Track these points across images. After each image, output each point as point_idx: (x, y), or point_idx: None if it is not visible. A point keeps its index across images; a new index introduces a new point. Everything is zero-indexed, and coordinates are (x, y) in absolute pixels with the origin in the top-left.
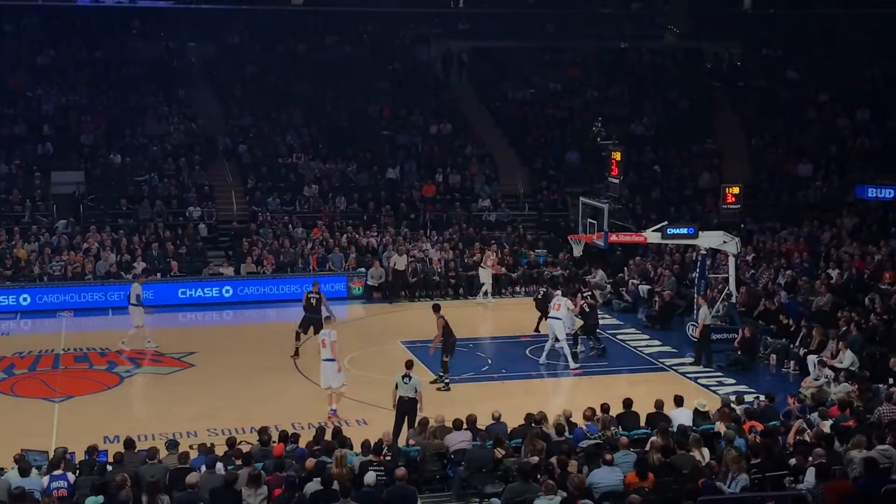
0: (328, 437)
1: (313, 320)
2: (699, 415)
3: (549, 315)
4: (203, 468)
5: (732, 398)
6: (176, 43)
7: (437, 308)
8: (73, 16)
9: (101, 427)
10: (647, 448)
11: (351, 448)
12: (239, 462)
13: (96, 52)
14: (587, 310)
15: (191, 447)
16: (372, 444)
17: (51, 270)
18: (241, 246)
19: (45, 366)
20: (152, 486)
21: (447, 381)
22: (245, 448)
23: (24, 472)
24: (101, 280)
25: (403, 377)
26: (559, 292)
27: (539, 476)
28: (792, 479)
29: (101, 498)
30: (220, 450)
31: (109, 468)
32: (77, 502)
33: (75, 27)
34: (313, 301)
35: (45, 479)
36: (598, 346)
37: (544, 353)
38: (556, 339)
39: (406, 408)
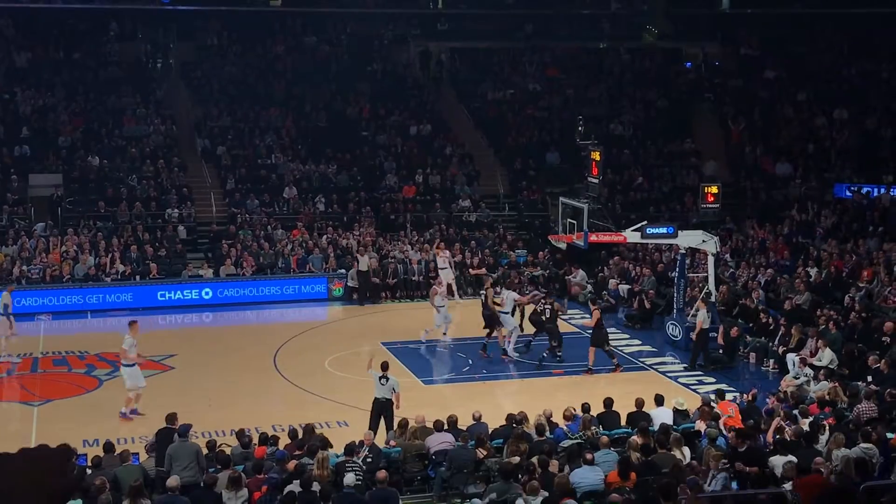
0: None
1: (488, 316)
2: (679, 413)
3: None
4: (176, 437)
5: (712, 396)
6: (154, 44)
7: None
8: (50, 17)
9: (81, 430)
10: (626, 448)
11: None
12: (219, 465)
13: (74, 54)
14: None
15: None
16: (353, 446)
17: (29, 273)
18: (220, 248)
19: (24, 369)
20: (134, 491)
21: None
22: (226, 450)
23: None
24: (79, 283)
25: (380, 378)
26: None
27: (520, 476)
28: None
29: (79, 501)
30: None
31: (89, 472)
32: None
33: (52, 29)
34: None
35: None
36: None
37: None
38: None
39: (382, 408)
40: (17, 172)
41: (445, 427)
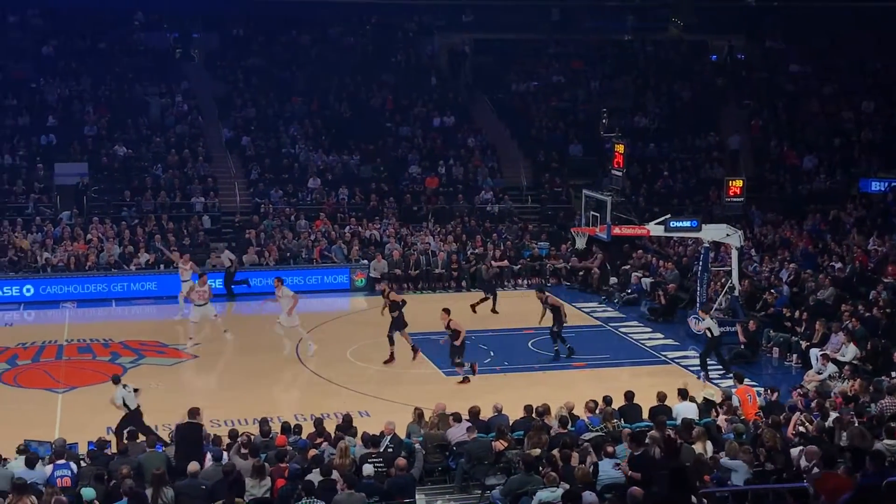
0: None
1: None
2: (708, 404)
3: None
4: (210, 460)
5: (733, 391)
6: (179, 34)
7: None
8: (76, 7)
9: (104, 418)
10: (648, 441)
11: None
12: (246, 451)
13: (100, 44)
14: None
15: None
16: (376, 438)
17: (54, 261)
18: (244, 237)
19: (49, 356)
20: (157, 479)
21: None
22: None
23: (30, 464)
24: (104, 271)
25: (134, 391)
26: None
27: (541, 468)
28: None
29: (91, 490)
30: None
31: (114, 459)
32: (79, 492)
33: (79, 18)
34: None
35: (49, 468)
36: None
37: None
38: None
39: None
40: (42, 161)
41: (467, 418)
